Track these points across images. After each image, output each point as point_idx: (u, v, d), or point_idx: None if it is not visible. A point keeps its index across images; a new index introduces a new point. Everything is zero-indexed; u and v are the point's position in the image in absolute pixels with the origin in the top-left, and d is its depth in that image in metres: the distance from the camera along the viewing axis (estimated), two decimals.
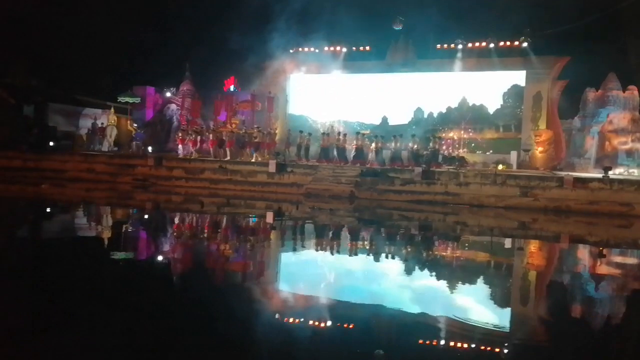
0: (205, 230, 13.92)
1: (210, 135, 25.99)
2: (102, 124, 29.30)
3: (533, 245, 14.06)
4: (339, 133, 25.23)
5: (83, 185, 22.32)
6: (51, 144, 28.28)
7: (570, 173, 20.38)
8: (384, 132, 26.22)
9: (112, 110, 29.93)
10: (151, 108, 30.91)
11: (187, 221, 15.51)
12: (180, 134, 26.72)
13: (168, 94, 30.26)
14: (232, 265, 10.04)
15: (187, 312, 6.85)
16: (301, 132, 25.66)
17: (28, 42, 31.86)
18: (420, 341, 6.05)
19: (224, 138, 25.64)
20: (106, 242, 11.63)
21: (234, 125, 26.77)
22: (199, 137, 26.06)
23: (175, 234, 13.03)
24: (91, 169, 24.38)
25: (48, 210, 16.87)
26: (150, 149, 26.69)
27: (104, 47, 32.41)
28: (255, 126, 26.43)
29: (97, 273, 8.69)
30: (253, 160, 24.30)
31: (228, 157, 24.69)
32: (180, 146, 26.27)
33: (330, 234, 13.92)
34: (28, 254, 10.06)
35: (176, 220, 15.55)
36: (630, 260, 12.29)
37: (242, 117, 28.35)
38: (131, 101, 29.86)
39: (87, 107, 31.92)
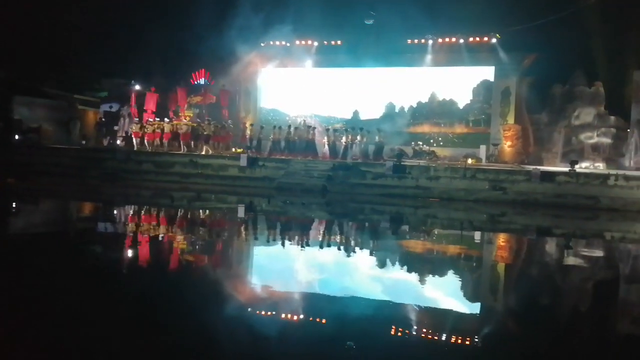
0: (173, 225, 13.78)
1: (165, 128, 25.81)
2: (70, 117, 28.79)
3: (502, 238, 14.29)
4: (308, 127, 25.12)
5: (50, 180, 21.90)
6: (17, 137, 27.63)
7: (538, 167, 20.74)
8: (355, 126, 26.28)
9: (76, 103, 29.38)
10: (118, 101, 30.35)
11: (156, 215, 15.34)
12: (134, 127, 26.53)
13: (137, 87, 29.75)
14: (197, 259, 9.97)
15: (148, 309, 6.78)
16: (274, 127, 25.52)
17: None
18: (390, 332, 6.09)
19: (178, 131, 25.51)
20: (65, 237, 11.45)
21: (187, 119, 26.54)
22: (155, 130, 25.82)
23: (140, 228, 12.88)
24: (58, 163, 23.90)
25: (13, 204, 16.51)
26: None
27: (72, 38, 31.75)
28: (207, 119, 26.31)
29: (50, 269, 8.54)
30: (204, 153, 24.25)
31: (184, 150, 24.64)
32: (134, 139, 26.14)
33: (302, 228, 13.92)
34: None
35: (144, 214, 15.37)
36: (596, 252, 12.57)
37: (196, 111, 28.07)
38: (102, 96, 29.38)
39: (53, 99, 31.24)
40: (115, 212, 15.88)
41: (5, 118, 29.35)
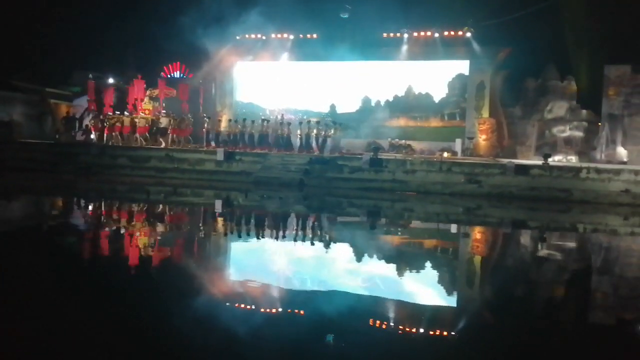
0: (149, 219, 13.68)
1: (124, 122, 25.54)
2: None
3: (477, 231, 14.48)
4: (282, 122, 25.06)
5: (22, 175, 21.54)
6: None
7: (512, 160, 21.02)
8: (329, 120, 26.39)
9: (48, 97, 28.84)
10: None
11: (131, 210, 15.20)
12: (92, 122, 26.24)
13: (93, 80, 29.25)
14: (171, 253, 9.94)
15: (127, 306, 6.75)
16: (253, 121, 25.36)
17: None
18: (369, 324, 6.15)
19: (136, 124, 25.35)
20: (39, 233, 11.31)
21: (146, 112, 26.30)
22: (115, 124, 25.56)
23: (114, 223, 12.77)
24: (31, 158, 23.49)
25: None
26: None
27: (44, 30, 31.15)
28: (163, 112, 26.15)
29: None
30: (163, 146, 24.21)
31: (142, 144, 24.54)
32: (92, 133, 25.93)
33: (279, 221, 13.93)
34: None
35: (119, 209, 15.23)
36: (569, 244, 12.81)
37: (156, 104, 27.69)
38: (74, 90, 28.87)
39: (24, 93, 30.61)
40: (90, 207, 15.69)
41: None
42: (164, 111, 26.07)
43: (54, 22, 31.16)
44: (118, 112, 25.94)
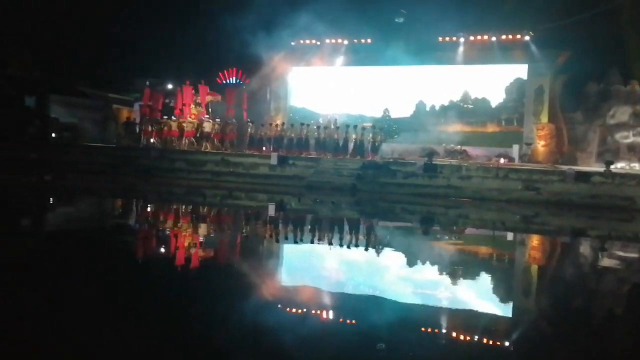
0: (207, 221, 13.97)
1: (173, 126, 26.37)
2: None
3: (535, 239, 14.12)
4: (337, 127, 25.13)
5: (85, 177, 22.38)
6: (53, 135, 28.29)
7: (572, 167, 20.41)
8: (386, 124, 26.32)
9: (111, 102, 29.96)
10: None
11: (188, 211, 15.56)
12: (143, 126, 27.23)
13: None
14: (228, 254, 10.10)
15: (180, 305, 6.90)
16: (302, 124, 25.57)
17: (31, 32, 31.77)
18: (421, 333, 6.10)
19: (184, 129, 26.16)
20: (105, 233, 11.70)
21: (193, 117, 26.93)
22: (164, 128, 26.48)
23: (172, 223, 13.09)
24: (93, 161, 24.40)
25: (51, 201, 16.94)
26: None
27: (108, 38, 32.36)
28: (206, 116, 26.72)
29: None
30: (203, 149, 25.02)
31: (189, 147, 25.41)
32: (143, 137, 26.87)
33: (333, 226, 13.97)
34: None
35: (179, 211, 15.60)
36: (631, 254, 12.33)
37: (200, 109, 28.32)
38: (135, 96, 29.90)
39: (89, 98, 31.89)
40: (149, 208, 16.16)
41: (41, 116, 30.09)
42: (206, 116, 26.72)
43: (118, 29, 32.31)
44: (166, 117, 26.76)
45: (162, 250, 10.39)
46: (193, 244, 10.89)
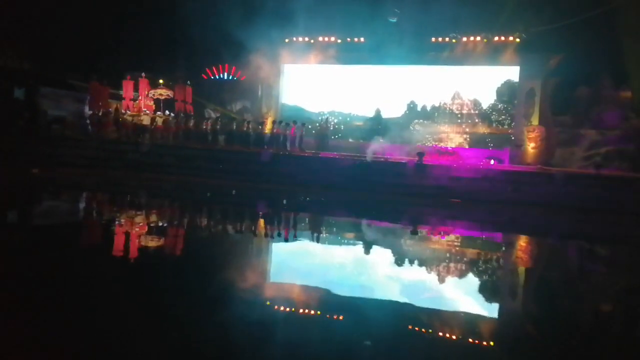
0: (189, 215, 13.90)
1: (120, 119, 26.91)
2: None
3: (523, 241, 14.13)
4: (327, 125, 25.12)
5: (74, 171, 22.19)
6: (41, 127, 27.97)
7: (561, 169, 20.48)
8: (378, 124, 26.30)
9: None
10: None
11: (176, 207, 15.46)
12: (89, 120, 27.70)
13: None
14: (206, 248, 10.02)
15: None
16: (294, 122, 25.51)
17: (21, 25, 31.45)
18: (406, 331, 6.06)
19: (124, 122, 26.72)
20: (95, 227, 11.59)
21: (134, 111, 27.35)
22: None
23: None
24: (82, 155, 24.18)
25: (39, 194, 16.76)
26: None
27: (99, 31, 32.09)
28: (145, 110, 27.30)
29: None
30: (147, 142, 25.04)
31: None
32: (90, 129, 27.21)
33: (316, 225, 13.92)
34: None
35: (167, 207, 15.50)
36: (620, 256, 12.35)
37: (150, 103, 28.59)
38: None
39: (79, 91, 31.60)
40: (140, 203, 16.04)
41: (30, 109, 29.77)
42: (145, 109, 27.18)
43: (109, 21, 32.06)
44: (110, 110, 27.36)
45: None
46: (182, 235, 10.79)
